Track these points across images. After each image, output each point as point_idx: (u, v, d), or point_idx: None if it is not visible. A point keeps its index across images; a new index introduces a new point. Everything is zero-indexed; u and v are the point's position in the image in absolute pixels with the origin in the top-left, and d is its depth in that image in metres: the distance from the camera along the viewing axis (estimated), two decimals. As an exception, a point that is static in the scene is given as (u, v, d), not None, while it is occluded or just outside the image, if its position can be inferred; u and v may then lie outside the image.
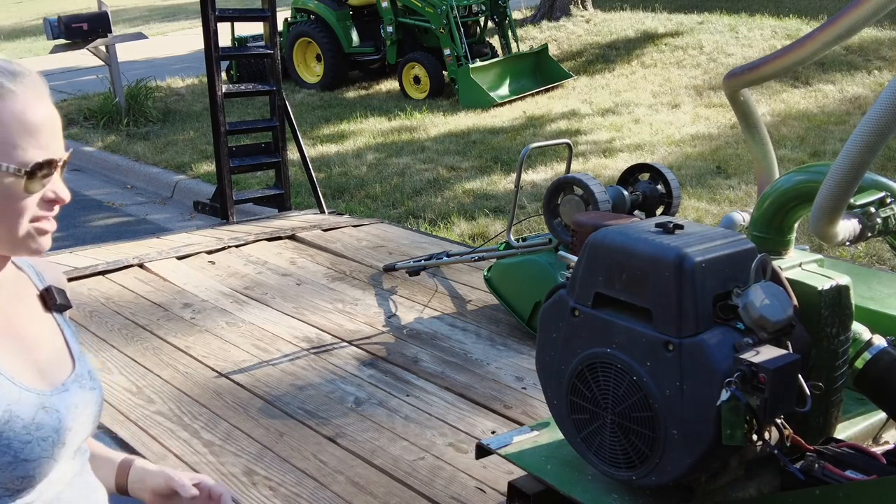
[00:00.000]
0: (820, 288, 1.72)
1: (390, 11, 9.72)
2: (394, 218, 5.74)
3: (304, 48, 10.43)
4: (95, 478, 1.31)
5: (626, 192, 3.41)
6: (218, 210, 5.56)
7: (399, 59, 9.77)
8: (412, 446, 2.71)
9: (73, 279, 4.19)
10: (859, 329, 1.83)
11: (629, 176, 3.52)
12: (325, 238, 4.77)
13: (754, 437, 1.56)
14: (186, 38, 15.43)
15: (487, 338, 3.51)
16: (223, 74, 6.35)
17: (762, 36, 10.17)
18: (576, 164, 6.55)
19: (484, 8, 9.82)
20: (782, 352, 1.55)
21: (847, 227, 1.85)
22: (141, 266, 4.37)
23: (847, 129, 6.92)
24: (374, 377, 3.17)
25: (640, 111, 8.17)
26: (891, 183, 1.99)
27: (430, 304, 3.81)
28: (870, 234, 1.93)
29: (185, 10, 20.21)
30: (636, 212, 3.46)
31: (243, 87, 6.38)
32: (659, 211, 3.47)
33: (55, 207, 1.20)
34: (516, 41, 10.07)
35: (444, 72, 9.40)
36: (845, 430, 1.95)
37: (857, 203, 1.92)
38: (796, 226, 1.92)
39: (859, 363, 1.81)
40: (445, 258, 3.98)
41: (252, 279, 4.18)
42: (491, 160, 6.96)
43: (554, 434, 1.99)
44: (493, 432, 2.72)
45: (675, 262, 1.57)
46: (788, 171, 1.97)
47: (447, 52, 9.17)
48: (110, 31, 8.71)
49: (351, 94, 10.16)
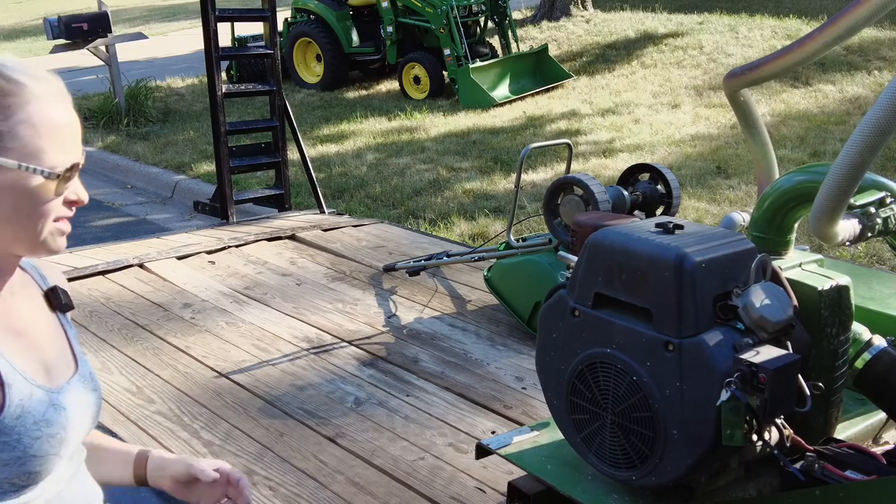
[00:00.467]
0: (820, 288, 1.72)
1: (390, 11, 9.72)
2: (394, 218, 5.74)
3: (304, 48, 10.43)
4: (91, 478, 1.32)
5: (626, 193, 3.41)
6: (218, 210, 5.56)
7: (399, 59, 9.77)
8: (412, 446, 2.71)
9: (73, 279, 4.19)
10: (859, 329, 1.83)
11: (629, 176, 3.52)
12: (325, 238, 4.77)
13: (754, 437, 1.56)
14: (186, 38, 15.43)
15: (487, 338, 3.51)
16: (223, 74, 6.35)
17: (762, 36, 10.17)
18: (576, 164, 6.55)
19: (484, 8, 9.82)
20: (782, 352, 1.55)
21: (847, 227, 1.85)
22: (141, 266, 4.37)
23: (847, 130, 6.92)
24: (374, 377, 3.17)
25: (640, 111, 8.17)
26: (891, 183, 1.99)
27: (430, 304, 3.81)
28: (870, 235, 1.93)
29: (185, 10, 20.21)
30: (636, 212, 3.46)
31: (243, 87, 6.38)
32: (659, 211, 3.47)
33: (73, 209, 1.23)
34: (516, 41, 10.07)
35: (444, 72, 9.40)
36: (845, 431, 1.95)
37: (857, 203, 1.92)
38: (796, 226, 1.92)
39: (859, 363, 1.81)
40: (445, 258, 3.98)
41: (252, 279, 4.18)
42: (491, 160, 6.96)
43: (554, 434, 1.99)
44: (493, 432, 2.72)
45: (675, 262, 1.57)
46: (788, 171, 1.97)
47: (447, 52, 9.17)
48: (110, 31, 8.71)
49: (351, 94, 10.16)
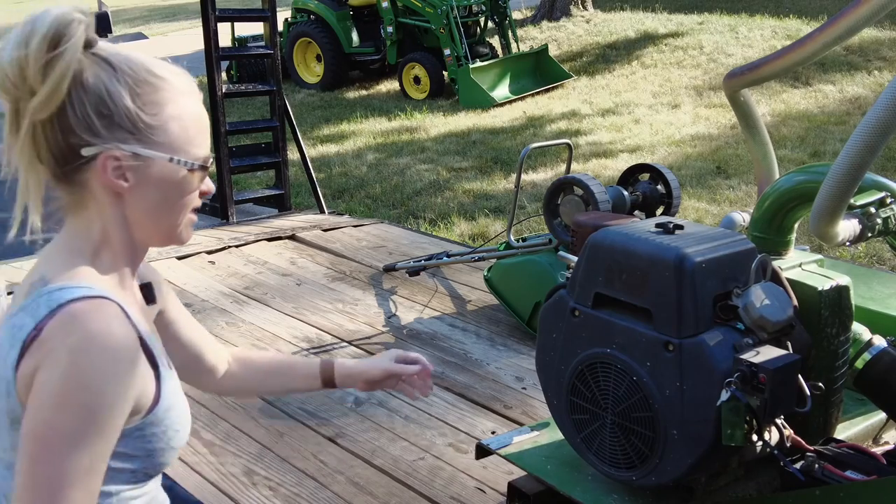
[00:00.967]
0: (820, 288, 1.72)
1: (390, 11, 9.72)
2: (394, 218, 5.74)
3: (305, 48, 10.43)
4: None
5: (626, 193, 3.41)
6: (218, 210, 5.56)
7: (399, 59, 9.77)
8: (412, 446, 2.71)
9: (73, 279, 4.19)
10: (859, 329, 1.83)
11: (629, 176, 3.52)
12: (325, 238, 4.77)
13: (754, 437, 1.55)
14: (186, 38, 15.42)
15: (487, 338, 3.51)
16: (223, 74, 6.35)
17: (762, 36, 10.17)
18: (576, 164, 6.55)
19: (484, 8, 9.83)
20: (782, 352, 1.55)
21: (847, 227, 1.85)
22: (141, 266, 4.37)
23: (847, 130, 6.92)
24: (374, 377, 3.17)
25: (641, 111, 8.17)
26: (891, 183, 1.99)
27: (430, 305, 3.81)
28: (870, 235, 1.93)
29: (185, 10, 20.21)
30: (636, 212, 3.46)
31: (243, 87, 6.38)
32: (659, 211, 3.47)
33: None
34: (516, 41, 10.07)
35: (444, 72, 9.40)
36: (845, 431, 1.95)
37: (858, 203, 1.92)
38: (796, 226, 1.92)
39: (859, 363, 1.81)
40: (445, 258, 3.98)
41: (252, 279, 4.18)
42: (491, 160, 6.96)
43: (554, 434, 1.99)
44: (493, 432, 2.72)
45: (675, 262, 1.57)
46: (788, 171, 1.97)
47: (447, 52, 9.18)
48: (110, 32, 8.71)
49: (351, 94, 10.16)
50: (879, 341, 1.83)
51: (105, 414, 1.09)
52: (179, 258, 4.49)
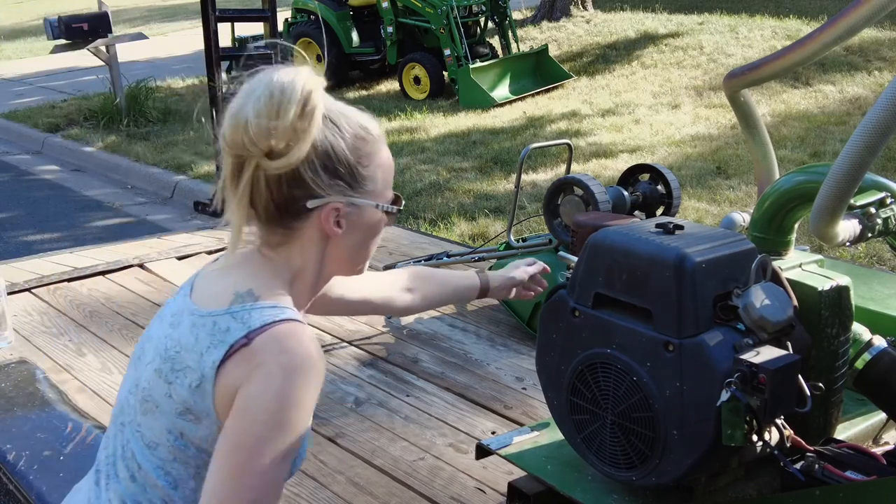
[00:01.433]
0: (820, 288, 1.72)
1: (390, 12, 9.73)
2: (394, 218, 5.74)
3: (305, 48, 10.43)
4: None
5: (626, 193, 3.41)
6: (218, 210, 5.56)
7: (399, 59, 9.77)
8: (412, 447, 2.71)
9: (73, 279, 4.19)
10: (859, 330, 1.83)
11: (629, 176, 3.52)
12: (325, 238, 4.77)
13: (754, 437, 1.55)
14: (187, 39, 15.43)
15: (487, 338, 3.51)
16: (223, 75, 6.35)
17: (762, 36, 10.17)
18: (576, 164, 6.55)
19: (484, 8, 9.83)
20: (782, 352, 1.55)
21: (847, 227, 1.85)
22: (141, 266, 4.37)
23: (847, 130, 6.92)
24: (374, 377, 3.17)
25: (641, 112, 8.17)
26: (891, 183, 1.99)
27: (431, 305, 3.81)
28: (870, 235, 1.93)
29: (185, 10, 20.21)
30: (636, 212, 3.46)
31: (243, 88, 6.36)
32: (659, 211, 3.47)
33: None
34: (516, 41, 10.07)
35: (444, 72, 9.40)
36: (845, 431, 1.95)
37: (858, 203, 1.92)
38: (796, 226, 1.92)
39: (859, 364, 1.81)
40: (445, 258, 3.97)
41: (252, 279, 4.17)
42: (491, 160, 6.96)
43: (554, 434, 1.99)
44: (493, 433, 2.72)
45: (675, 262, 1.57)
46: (788, 171, 1.97)
47: (447, 52, 9.18)
48: (110, 32, 8.71)
49: (351, 94, 10.16)
50: (879, 342, 1.83)
51: (303, 430, 1.20)
52: (179, 258, 4.49)
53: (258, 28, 7.33)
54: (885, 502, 1.46)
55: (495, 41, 10.13)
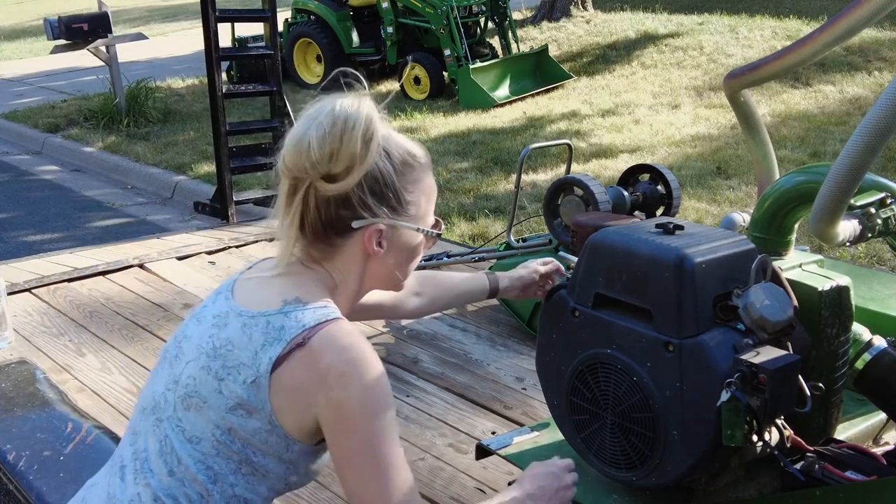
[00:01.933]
0: (820, 289, 1.72)
1: (390, 12, 9.72)
2: (394, 218, 5.73)
3: (305, 48, 10.43)
4: None
5: (626, 193, 3.41)
6: (218, 211, 5.56)
7: (399, 59, 9.77)
8: (412, 447, 2.71)
9: (73, 279, 4.19)
10: (859, 330, 1.83)
11: (629, 176, 3.52)
12: (325, 238, 4.77)
13: (754, 437, 1.55)
14: (187, 39, 15.43)
15: (487, 338, 3.51)
16: (223, 75, 6.35)
17: (762, 37, 10.17)
18: (576, 164, 6.55)
19: (484, 8, 9.82)
20: (782, 352, 1.55)
21: (847, 227, 1.85)
22: (141, 266, 4.37)
23: (847, 130, 6.92)
24: (374, 378, 3.17)
25: (641, 112, 8.17)
26: (891, 183, 1.99)
27: (431, 305, 3.81)
28: (870, 235, 1.93)
29: (185, 11, 20.21)
30: (636, 212, 3.46)
31: (243, 88, 6.38)
32: (659, 212, 3.47)
33: None
34: (516, 42, 10.07)
35: (444, 72, 9.40)
36: (845, 431, 1.95)
37: (858, 204, 1.92)
38: (796, 226, 1.92)
39: (859, 364, 1.81)
40: (445, 258, 3.97)
41: (252, 279, 4.17)
42: (491, 161, 6.96)
43: (554, 435, 1.99)
44: (493, 433, 2.73)
45: (675, 262, 1.57)
46: (789, 171, 1.97)
47: (447, 52, 9.17)
48: (111, 32, 8.71)
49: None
50: (880, 342, 1.83)
51: (388, 399, 1.27)
52: (180, 259, 4.49)
53: (258, 28, 7.33)
54: (885, 502, 1.45)
55: (495, 41, 10.12)
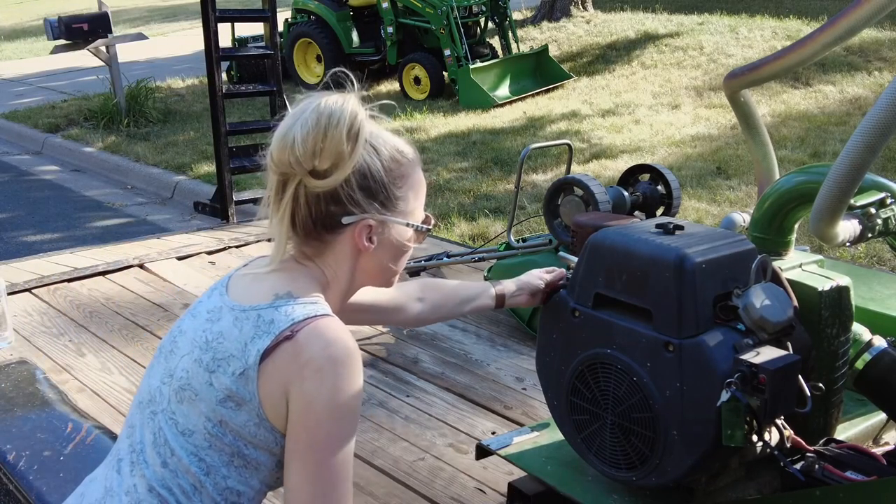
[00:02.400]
0: (820, 289, 1.72)
1: (390, 12, 9.72)
2: (394, 218, 5.73)
3: (305, 49, 10.43)
4: None
5: (626, 193, 3.41)
6: (218, 210, 5.56)
7: (399, 59, 9.77)
8: (412, 447, 2.71)
9: (73, 279, 4.19)
10: (859, 330, 1.83)
11: (629, 176, 3.52)
12: (325, 238, 4.77)
13: (754, 437, 1.55)
14: (187, 39, 15.43)
15: (487, 338, 3.51)
16: (223, 75, 6.35)
17: (762, 37, 10.17)
18: (576, 164, 6.55)
19: (484, 8, 9.82)
20: (782, 353, 1.55)
21: (847, 227, 1.85)
22: (141, 266, 4.37)
23: (847, 130, 6.92)
24: (374, 378, 3.17)
25: (641, 112, 8.17)
26: (891, 183, 1.99)
27: (431, 305, 3.81)
28: (870, 235, 1.93)
29: (185, 11, 20.22)
30: (636, 212, 3.46)
31: (244, 88, 6.38)
32: (659, 212, 3.47)
33: None
34: (516, 42, 10.07)
35: (444, 72, 9.40)
36: (845, 431, 1.95)
37: (858, 204, 1.92)
38: (796, 227, 1.92)
39: (859, 364, 1.81)
40: (445, 259, 3.97)
41: (252, 280, 4.17)
42: (491, 161, 6.96)
43: (554, 435, 1.99)
44: (493, 433, 2.73)
45: (675, 262, 1.57)
46: (789, 171, 1.97)
47: (447, 52, 9.17)
48: (111, 32, 8.71)
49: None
50: (880, 342, 1.83)
51: (357, 412, 1.29)
52: (180, 258, 4.49)
53: (258, 28, 7.33)
54: (885, 502, 1.45)
55: (495, 41, 10.12)
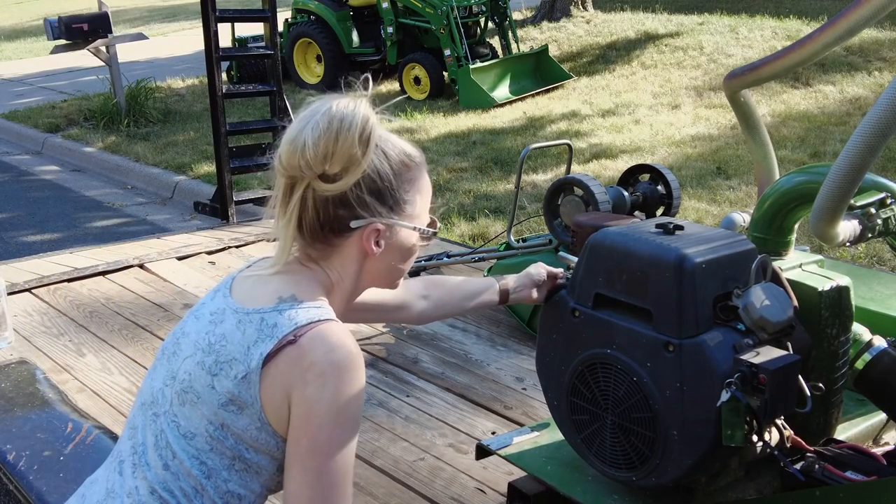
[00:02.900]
0: (820, 289, 1.72)
1: (390, 12, 9.72)
2: (394, 218, 5.73)
3: (305, 49, 10.43)
4: None
5: (626, 193, 3.41)
6: (218, 211, 5.56)
7: (399, 59, 9.77)
8: (412, 447, 2.71)
9: (73, 280, 4.19)
10: (859, 330, 1.83)
11: (629, 177, 3.52)
12: (325, 239, 4.77)
13: (754, 437, 1.55)
14: (187, 39, 15.43)
15: (487, 338, 3.51)
16: (223, 75, 6.35)
17: (762, 37, 10.17)
18: (576, 164, 6.55)
19: (484, 9, 9.82)
20: (782, 353, 1.55)
21: (847, 227, 1.85)
22: (141, 266, 4.37)
23: (847, 130, 6.92)
24: (374, 378, 3.17)
25: (641, 112, 8.17)
26: (891, 184, 1.99)
27: (431, 305, 3.81)
28: (870, 235, 1.93)
29: (185, 11, 20.22)
30: (636, 212, 3.46)
31: (244, 88, 6.38)
32: (659, 212, 3.47)
33: None
34: (516, 42, 10.07)
35: (444, 72, 9.40)
36: (845, 431, 1.95)
37: (858, 204, 1.92)
38: (796, 227, 1.92)
39: (859, 364, 1.81)
40: (445, 259, 3.97)
41: (252, 280, 4.17)
42: (491, 161, 6.96)
43: (554, 435, 1.99)
44: (493, 433, 2.73)
45: (675, 262, 1.57)
46: (789, 171, 1.97)
47: (447, 52, 9.17)
48: (111, 32, 8.71)
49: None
50: (880, 342, 1.83)
51: (359, 417, 1.28)
52: (180, 259, 4.49)
53: (258, 28, 7.33)
54: (885, 502, 1.45)
55: (495, 41, 10.12)
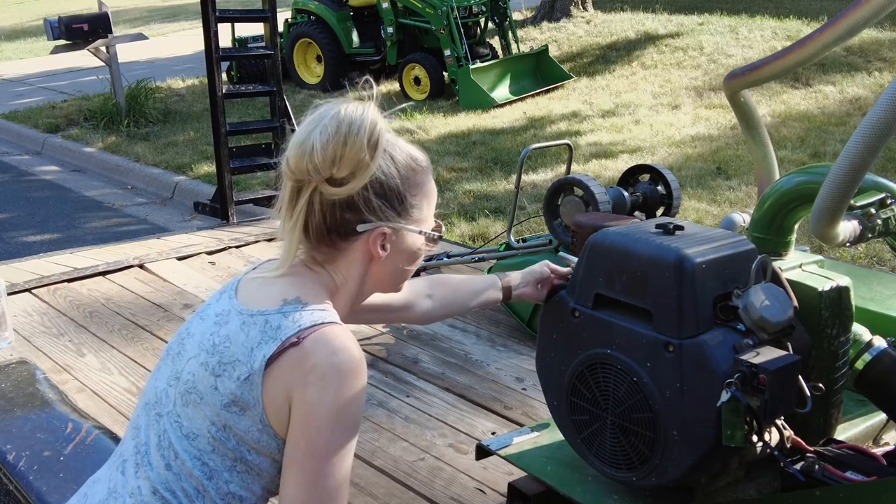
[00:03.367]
0: (820, 289, 1.72)
1: (390, 12, 9.72)
2: (394, 219, 5.73)
3: (305, 49, 10.43)
4: None
5: (626, 193, 3.41)
6: (218, 211, 5.56)
7: (399, 59, 9.77)
8: (412, 447, 2.71)
9: (73, 280, 4.19)
10: (859, 330, 1.83)
11: (629, 177, 3.52)
12: (325, 239, 4.77)
13: (754, 438, 1.55)
14: (187, 39, 15.43)
15: (487, 339, 3.51)
16: (223, 75, 6.35)
17: (762, 37, 10.17)
18: (576, 164, 6.55)
19: (484, 9, 9.82)
20: (782, 353, 1.55)
21: (847, 228, 1.85)
22: (141, 267, 4.37)
23: (847, 131, 6.92)
24: (374, 378, 3.17)
25: (641, 112, 8.17)
26: (891, 184, 1.99)
27: (431, 305, 3.81)
28: (870, 235, 1.93)
29: (185, 11, 20.22)
30: (636, 213, 3.46)
31: (244, 88, 6.38)
32: (659, 212, 3.47)
33: None
34: (516, 42, 10.07)
35: (444, 73, 9.40)
36: (845, 432, 1.95)
37: (858, 204, 1.92)
38: (796, 227, 1.92)
39: (859, 364, 1.81)
40: (445, 259, 3.97)
41: (252, 280, 4.17)
42: (491, 161, 6.96)
43: (554, 435, 1.99)
44: (493, 433, 2.73)
45: (675, 263, 1.57)
46: (789, 172, 1.97)
47: (447, 52, 9.17)
48: (111, 32, 8.71)
49: (351, 95, 10.15)
50: (880, 342, 1.83)
51: (359, 422, 1.28)
52: (180, 259, 4.49)
53: (258, 29, 7.33)
54: (885, 502, 1.45)
55: (495, 42, 10.12)
